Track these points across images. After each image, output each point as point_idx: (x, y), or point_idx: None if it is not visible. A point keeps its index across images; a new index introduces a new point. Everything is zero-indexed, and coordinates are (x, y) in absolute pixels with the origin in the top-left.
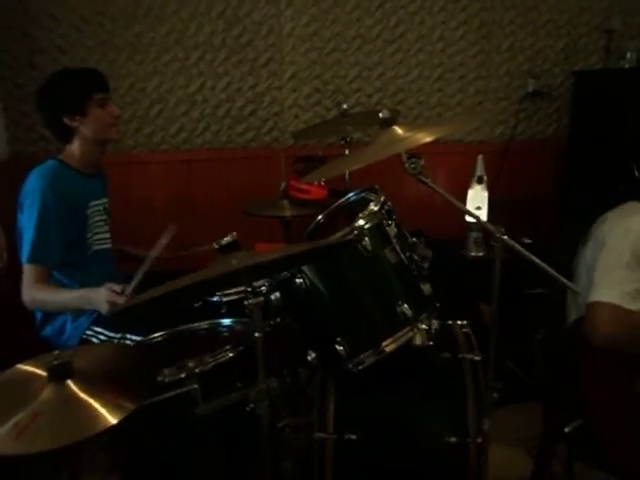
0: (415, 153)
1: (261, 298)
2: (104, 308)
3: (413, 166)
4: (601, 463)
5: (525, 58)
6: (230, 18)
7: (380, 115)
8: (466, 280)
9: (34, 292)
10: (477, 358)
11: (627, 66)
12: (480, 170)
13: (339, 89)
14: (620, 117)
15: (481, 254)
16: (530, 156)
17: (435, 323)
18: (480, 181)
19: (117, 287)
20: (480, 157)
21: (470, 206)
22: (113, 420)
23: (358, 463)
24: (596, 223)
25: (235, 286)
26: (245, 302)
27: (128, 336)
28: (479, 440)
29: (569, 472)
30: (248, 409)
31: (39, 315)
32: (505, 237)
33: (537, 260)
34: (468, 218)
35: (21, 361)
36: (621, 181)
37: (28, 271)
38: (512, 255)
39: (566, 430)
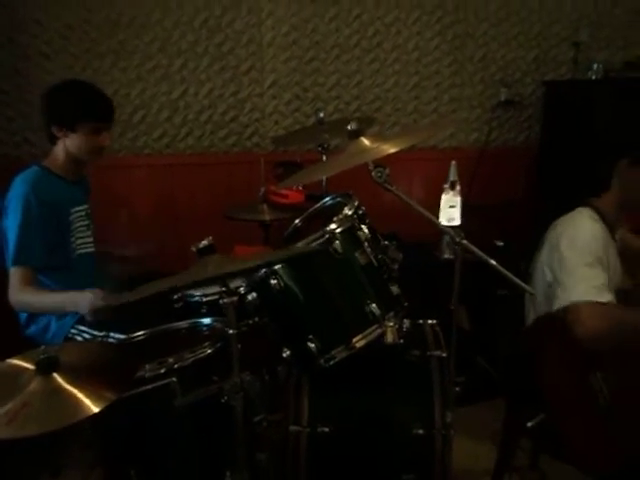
0: (381, 162)
1: (235, 297)
2: (86, 312)
3: (379, 175)
4: (563, 455)
5: (497, 68)
6: (212, 27)
7: (348, 127)
8: (439, 281)
9: (19, 294)
10: (444, 355)
11: (594, 77)
12: (453, 176)
13: (318, 96)
14: (588, 125)
15: (453, 256)
16: (503, 162)
17: (406, 322)
18: (453, 186)
19: (101, 294)
20: (453, 163)
21: (443, 211)
22: (95, 409)
23: (331, 455)
24: (549, 229)
25: (210, 287)
26: (220, 301)
27: (111, 334)
28: (444, 431)
29: (534, 464)
30: (223, 401)
31: (24, 314)
32: (464, 241)
33: (493, 262)
34: (441, 221)
35: (5, 359)
36: (586, 187)
37: (13, 274)
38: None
39: (529, 425)
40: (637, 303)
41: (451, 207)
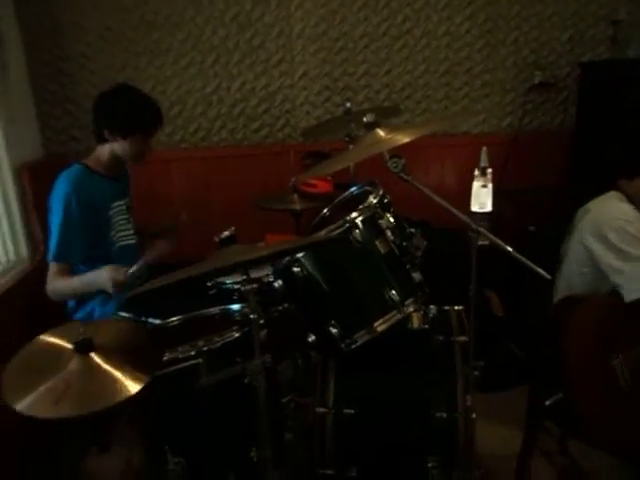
0: (397, 153)
1: (254, 285)
2: (109, 287)
3: (394, 165)
4: (586, 437)
5: (531, 50)
6: (243, 22)
7: (364, 119)
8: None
9: (56, 284)
10: (467, 340)
11: (633, 56)
12: (484, 162)
13: (348, 86)
14: (625, 107)
15: (487, 242)
16: (537, 146)
17: (433, 308)
18: (484, 172)
19: (120, 267)
20: (484, 149)
21: (475, 197)
22: (133, 389)
23: (356, 436)
24: (578, 212)
25: (232, 275)
26: (241, 288)
27: (149, 320)
28: (467, 415)
29: (563, 449)
30: (246, 382)
31: (71, 302)
32: (481, 229)
33: (509, 249)
34: (473, 208)
35: None
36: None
37: (51, 268)
38: (516, 244)
39: (547, 403)
40: None
41: (482, 193)
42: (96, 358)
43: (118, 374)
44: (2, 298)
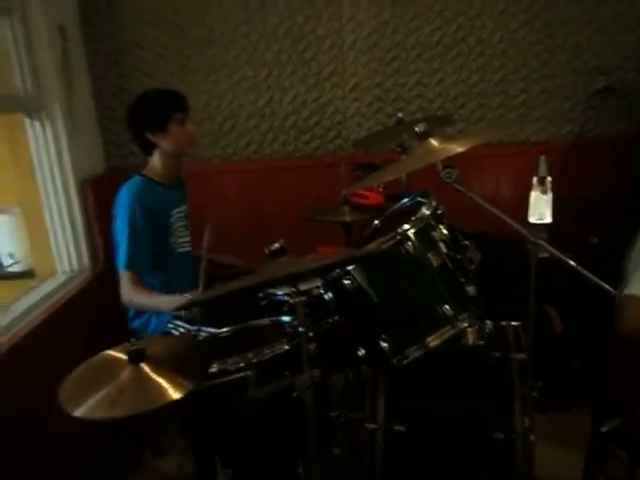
0: (450, 163)
1: (303, 297)
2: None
3: (448, 175)
4: None
5: (592, 54)
6: (295, 35)
7: (416, 129)
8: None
9: (132, 295)
10: (525, 358)
11: None
12: (542, 171)
13: (400, 96)
14: None
15: (547, 255)
16: (599, 154)
17: (489, 324)
18: (542, 182)
19: (183, 297)
20: (542, 158)
21: (533, 207)
22: (177, 396)
23: (406, 454)
24: None
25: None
26: (290, 300)
27: (203, 329)
28: (525, 436)
29: (632, 476)
30: (294, 396)
31: (131, 311)
32: (540, 241)
33: (572, 263)
34: (531, 219)
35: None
36: None
37: (124, 276)
38: (578, 256)
39: (603, 430)
40: None
41: (541, 203)
42: (146, 368)
43: (164, 382)
44: (66, 305)
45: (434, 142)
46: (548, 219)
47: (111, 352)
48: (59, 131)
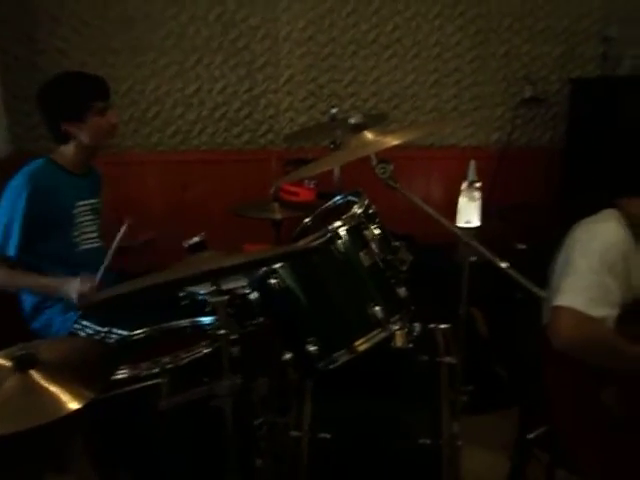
0: (385, 158)
1: (225, 297)
2: (74, 298)
3: (382, 170)
4: (575, 469)
5: (522, 64)
6: (227, 22)
7: (351, 120)
8: (456, 284)
9: None
10: (454, 362)
11: (624, 74)
12: (472, 175)
13: (334, 93)
14: (616, 124)
15: (474, 259)
16: (526, 162)
17: (417, 326)
18: (471, 186)
19: (90, 278)
20: (472, 162)
21: (461, 211)
22: (74, 406)
23: (332, 462)
24: (571, 230)
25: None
26: (209, 300)
27: (114, 330)
28: (452, 442)
29: (550, 477)
30: (212, 404)
31: (28, 308)
32: (473, 242)
33: (504, 265)
34: (459, 223)
35: None
36: (612, 188)
37: None
38: (507, 260)
39: (530, 436)
40: None
41: (469, 208)
42: (35, 375)
43: (58, 391)
44: None
45: (369, 135)
46: (476, 223)
47: None
48: None
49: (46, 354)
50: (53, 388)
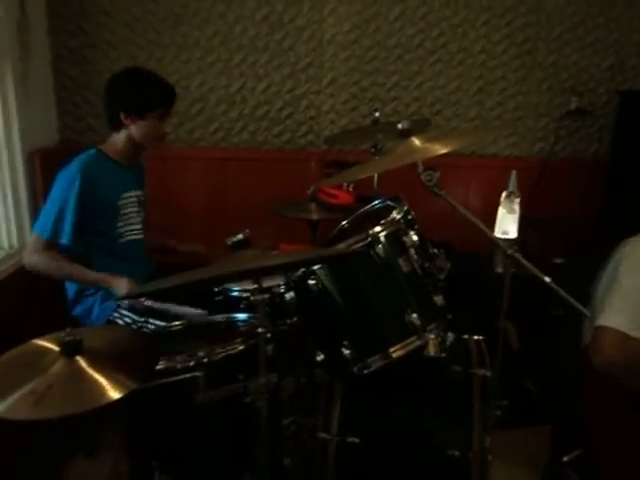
0: (432, 165)
1: (265, 295)
2: (120, 295)
3: (429, 178)
4: None
5: (569, 75)
6: (274, 22)
7: (399, 125)
8: (492, 296)
9: (36, 257)
10: (488, 374)
11: None
12: (512, 186)
13: (377, 96)
14: None
15: (512, 270)
16: (569, 175)
17: (450, 336)
18: (511, 197)
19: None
20: (513, 173)
21: (499, 222)
22: (116, 395)
23: (359, 467)
24: (618, 247)
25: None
26: (251, 298)
27: (151, 321)
28: (482, 456)
29: None
30: (248, 401)
31: (71, 295)
32: (516, 254)
33: (547, 279)
34: (496, 234)
35: None
36: None
37: (36, 240)
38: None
39: (564, 459)
40: None
41: (508, 219)
42: (82, 361)
43: (102, 379)
44: (2, 284)
45: (416, 141)
46: (513, 235)
47: (40, 341)
48: (8, 94)
49: (92, 341)
50: (97, 375)
